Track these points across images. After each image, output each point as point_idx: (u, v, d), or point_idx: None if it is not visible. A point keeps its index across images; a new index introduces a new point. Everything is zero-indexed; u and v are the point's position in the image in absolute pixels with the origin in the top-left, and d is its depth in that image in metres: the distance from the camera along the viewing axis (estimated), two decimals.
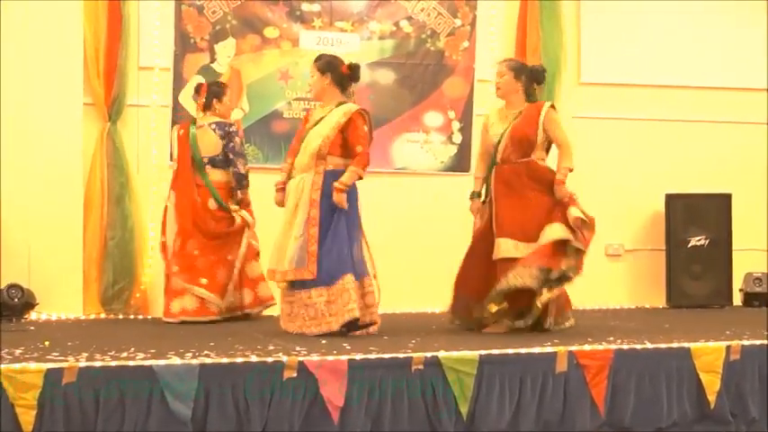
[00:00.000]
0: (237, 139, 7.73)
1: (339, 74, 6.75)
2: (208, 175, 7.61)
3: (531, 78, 7.01)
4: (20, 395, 4.69)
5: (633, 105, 9.56)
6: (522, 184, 6.86)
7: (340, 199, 6.46)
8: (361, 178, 6.66)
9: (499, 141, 6.92)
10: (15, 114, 8.19)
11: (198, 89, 7.82)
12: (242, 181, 7.68)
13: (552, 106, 6.98)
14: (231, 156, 7.63)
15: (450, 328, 7.09)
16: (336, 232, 6.47)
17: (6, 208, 8.08)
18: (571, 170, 6.86)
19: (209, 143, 7.63)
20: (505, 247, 6.74)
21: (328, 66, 6.77)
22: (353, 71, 6.83)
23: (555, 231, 6.65)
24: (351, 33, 9.05)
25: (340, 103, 6.74)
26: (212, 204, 7.62)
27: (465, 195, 8.59)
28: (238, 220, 7.64)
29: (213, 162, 7.64)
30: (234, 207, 7.65)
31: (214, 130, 7.65)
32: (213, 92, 7.77)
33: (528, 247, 6.65)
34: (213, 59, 8.74)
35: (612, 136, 9.50)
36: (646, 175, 9.46)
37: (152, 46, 8.62)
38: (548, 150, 7.04)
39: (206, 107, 7.74)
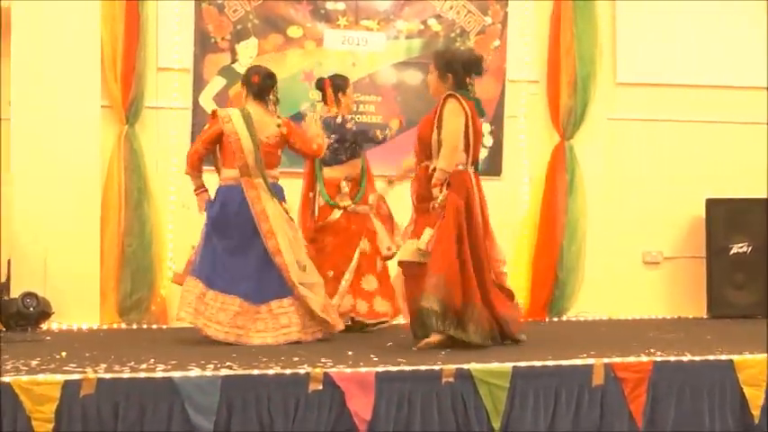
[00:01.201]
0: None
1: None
2: None
3: (464, 70, 6.66)
4: (36, 408, 4.74)
5: (672, 106, 9.48)
6: (423, 192, 6.61)
7: None
8: None
9: None
10: (30, 117, 8.23)
11: (320, 84, 7.93)
12: None
13: (452, 96, 6.56)
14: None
15: None
16: None
17: (21, 213, 8.13)
18: (446, 173, 6.40)
19: None
20: (403, 251, 6.65)
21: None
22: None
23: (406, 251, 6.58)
24: (377, 32, 9.05)
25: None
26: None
27: (497, 200, 8.62)
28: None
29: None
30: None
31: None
32: (337, 85, 7.88)
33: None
34: (234, 60, 8.76)
35: (650, 138, 9.45)
36: (685, 178, 9.39)
37: (171, 46, 8.65)
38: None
39: (330, 101, 7.84)
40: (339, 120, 7.77)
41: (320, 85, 7.96)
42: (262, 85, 7.03)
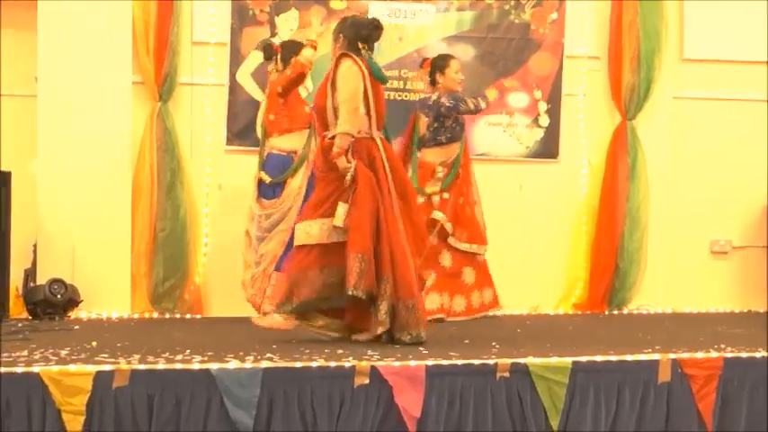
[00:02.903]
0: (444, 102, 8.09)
1: None
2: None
3: (355, 34, 6.53)
4: (67, 400, 4.78)
5: (743, 84, 9.39)
6: (323, 164, 6.48)
7: None
8: None
9: None
10: (57, 95, 8.29)
11: (421, 64, 8.40)
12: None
13: (345, 56, 6.45)
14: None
15: (538, 332, 7.10)
16: None
17: (48, 196, 8.20)
18: (349, 137, 6.25)
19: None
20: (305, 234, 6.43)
21: None
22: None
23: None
24: (426, 4, 9.02)
25: None
26: None
27: (553, 185, 8.63)
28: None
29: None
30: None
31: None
32: (436, 65, 8.23)
33: None
34: (274, 33, 8.76)
35: (719, 119, 9.36)
36: (757, 162, 9.31)
37: (207, 19, 8.67)
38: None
39: (431, 82, 8.27)
40: (434, 98, 8.05)
41: (421, 65, 8.37)
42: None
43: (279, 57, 7.93)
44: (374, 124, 6.44)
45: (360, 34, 6.52)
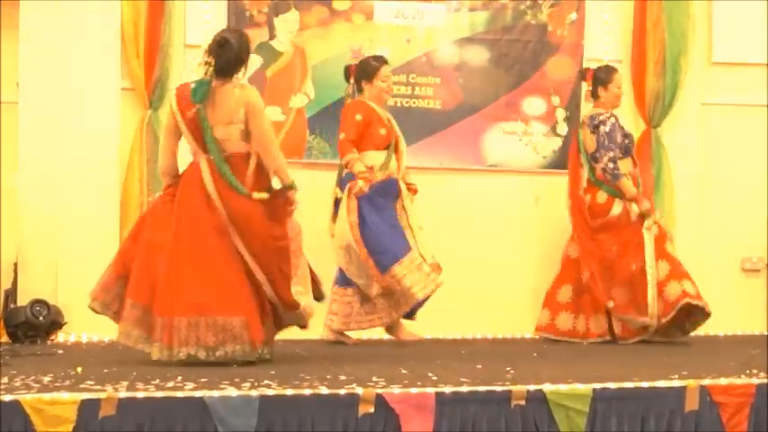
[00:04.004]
0: (603, 128, 8.37)
1: None
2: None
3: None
4: (50, 430, 4.76)
5: None
6: None
7: None
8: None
9: None
10: (40, 100, 8.33)
11: (584, 76, 8.76)
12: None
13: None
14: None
15: (558, 355, 7.10)
16: None
17: (30, 211, 8.23)
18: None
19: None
20: None
21: None
22: None
23: None
24: (435, 4, 9.05)
25: None
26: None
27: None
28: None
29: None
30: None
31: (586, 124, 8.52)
32: (597, 78, 8.54)
33: None
34: (273, 36, 8.82)
35: (750, 127, 9.37)
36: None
37: (201, 20, 8.71)
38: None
39: (592, 95, 8.61)
40: (601, 117, 8.39)
41: (584, 77, 8.73)
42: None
43: (354, 78, 8.21)
44: (201, 147, 6.68)
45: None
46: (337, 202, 8.03)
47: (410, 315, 8.09)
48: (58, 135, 8.32)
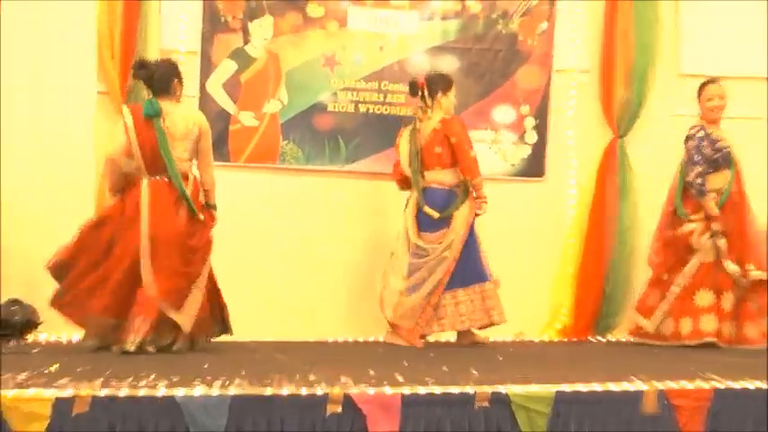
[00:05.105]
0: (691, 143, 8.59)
1: None
2: None
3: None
4: (24, 427, 4.84)
5: (742, 101, 9.26)
6: None
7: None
8: None
9: None
10: (17, 105, 8.33)
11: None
12: None
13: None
14: None
15: (521, 358, 7.21)
16: None
17: (7, 212, 8.23)
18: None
19: None
20: None
21: None
22: None
23: None
24: (408, 12, 9.09)
25: None
26: None
27: (539, 205, 8.67)
28: None
29: None
30: None
31: None
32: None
33: None
34: (247, 41, 8.85)
35: None
36: (757, 184, 9.18)
37: (176, 25, 8.73)
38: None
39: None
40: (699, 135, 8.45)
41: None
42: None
43: (425, 93, 8.30)
44: (144, 165, 7.36)
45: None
46: (425, 217, 8.25)
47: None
48: (37, 138, 8.35)
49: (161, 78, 7.44)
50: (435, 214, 8.17)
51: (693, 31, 9.53)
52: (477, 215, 8.21)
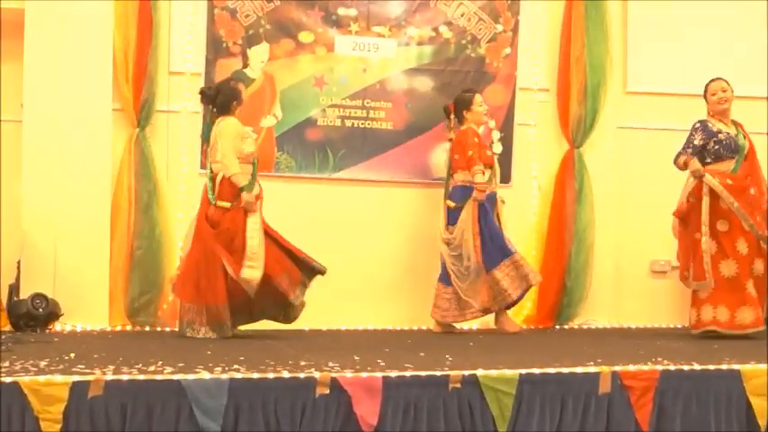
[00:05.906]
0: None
1: None
2: None
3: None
4: (45, 408, 4.77)
5: (681, 116, 9.09)
6: None
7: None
8: None
9: None
10: (41, 119, 8.25)
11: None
12: None
13: None
14: None
15: (491, 345, 7.12)
16: None
17: (32, 215, 8.16)
18: None
19: None
20: None
21: None
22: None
23: None
24: (388, 39, 9.04)
25: None
26: None
27: (508, 206, 8.65)
28: None
29: None
30: None
31: None
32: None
33: None
34: (246, 64, 8.78)
35: (659, 147, 9.17)
36: None
37: (183, 50, 8.66)
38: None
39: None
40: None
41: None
42: None
43: (454, 113, 8.57)
44: None
45: None
46: (450, 211, 8.38)
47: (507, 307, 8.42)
48: (57, 150, 8.24)
49: (222, 103, 7.78)
50: (451, 204, 8.39)
51: (638, 53, 9.51)
52: (475, 200, 8.25)
